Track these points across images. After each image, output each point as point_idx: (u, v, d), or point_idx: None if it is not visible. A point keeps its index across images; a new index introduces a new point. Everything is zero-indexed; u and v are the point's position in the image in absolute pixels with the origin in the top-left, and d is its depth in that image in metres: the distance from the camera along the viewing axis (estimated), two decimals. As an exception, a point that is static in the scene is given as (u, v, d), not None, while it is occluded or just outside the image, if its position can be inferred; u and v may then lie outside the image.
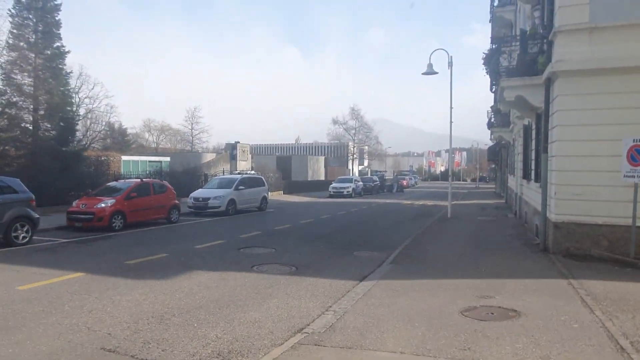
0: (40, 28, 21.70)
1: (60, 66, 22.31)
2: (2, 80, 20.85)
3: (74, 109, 23.52)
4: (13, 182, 11.87)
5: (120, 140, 65.11)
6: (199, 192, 21.20)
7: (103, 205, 14.61)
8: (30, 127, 21.52)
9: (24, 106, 21.36)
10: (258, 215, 21.37)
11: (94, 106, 56.78)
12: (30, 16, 21.60)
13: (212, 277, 8.63)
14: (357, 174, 68.75)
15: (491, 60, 13.64)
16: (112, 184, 16.87)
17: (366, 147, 78.93)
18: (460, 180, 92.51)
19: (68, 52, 22.38)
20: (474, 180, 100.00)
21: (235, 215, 20.83)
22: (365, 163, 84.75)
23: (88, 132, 57.60)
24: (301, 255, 11.02)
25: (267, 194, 24.65)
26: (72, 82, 52.52)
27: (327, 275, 8.89)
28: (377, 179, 48.99)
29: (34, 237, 12.30)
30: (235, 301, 7.03)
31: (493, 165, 56.47)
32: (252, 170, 46.13)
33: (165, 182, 18.37)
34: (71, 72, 23.13)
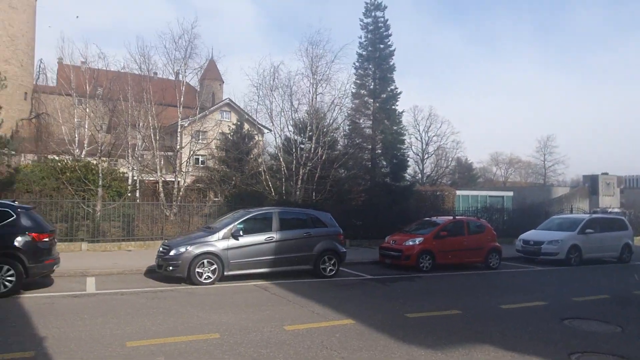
0: (377, 75, 23.87)
1: (393, 107, 23.80)
2: (349, 125, 23.90)
3: (405, 146, 24.61)
4: (324, 216, 12.49)
5: (466, 175, 65.83)
6: (530, 234, 17.70)
7: (411, 243, 13.77)
8: (369, 165, 23.61)
9: (364, 146, 23.72)
10: (613, 270, 15.96)
11: (441, 143, 60.14)
12: (370, 66, 24.08)
13: (499, 361, 6.03)
14: None
15: None
16: (428, 219, 15.93)
17: None
18: None
19: (400, 93, 23.74)
20: None
21: (579, 266, 16.19)
22: None
23: (436, 168, 61.15)
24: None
25: (632, 241, 18.43)
26: (422, 123, 57.98)
27: None
28: None
29: (340, 270, 12.55)
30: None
31: None
32: (618, 208, 37.33)
33: (483, 221, 16.06)
34: (403, 112, 24.37)
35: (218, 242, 10.61)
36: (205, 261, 10.32)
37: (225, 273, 10.57)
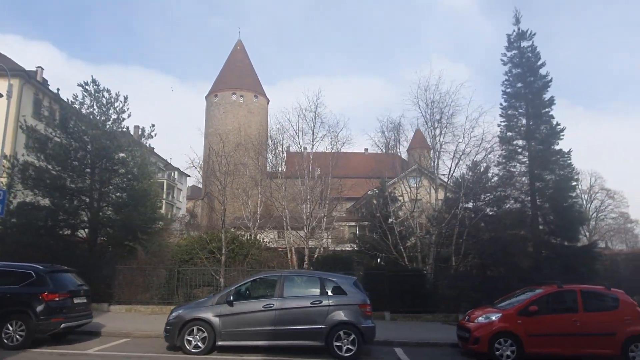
0: (530, 112, 19.54)
1: (554, 147, 18.73)
2: (497, 174, 19.94)
3: (574, 194, 18.47)
4: (344, 280, 10.22)
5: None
6: None
7: (483, 319, 9.99)
8: (529, 222, 18.78)
9: (521, 199, 19.17)
10: None
11: None
12: (521, 103, 19.93)
13: None
14: None
15: None
16: (527, 288, 11.08)
17: None
18: None
19: (562, 130, 18.67)
20: None
21: None
22: None
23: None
24: None
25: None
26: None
27: None
28: None
29: (377, 349, 10.06)
30: None
31: None
32: None
33: (619, 292, 10.25)
34: (570, 151, 18.73)
35: (211, 308, 9.99)
36: (195, 328, 9.80)
37: (218, 343, 9.77)
